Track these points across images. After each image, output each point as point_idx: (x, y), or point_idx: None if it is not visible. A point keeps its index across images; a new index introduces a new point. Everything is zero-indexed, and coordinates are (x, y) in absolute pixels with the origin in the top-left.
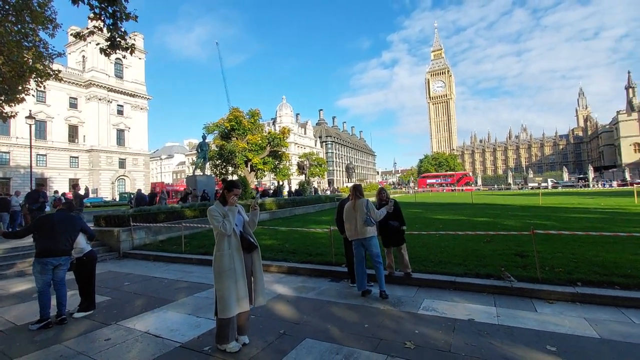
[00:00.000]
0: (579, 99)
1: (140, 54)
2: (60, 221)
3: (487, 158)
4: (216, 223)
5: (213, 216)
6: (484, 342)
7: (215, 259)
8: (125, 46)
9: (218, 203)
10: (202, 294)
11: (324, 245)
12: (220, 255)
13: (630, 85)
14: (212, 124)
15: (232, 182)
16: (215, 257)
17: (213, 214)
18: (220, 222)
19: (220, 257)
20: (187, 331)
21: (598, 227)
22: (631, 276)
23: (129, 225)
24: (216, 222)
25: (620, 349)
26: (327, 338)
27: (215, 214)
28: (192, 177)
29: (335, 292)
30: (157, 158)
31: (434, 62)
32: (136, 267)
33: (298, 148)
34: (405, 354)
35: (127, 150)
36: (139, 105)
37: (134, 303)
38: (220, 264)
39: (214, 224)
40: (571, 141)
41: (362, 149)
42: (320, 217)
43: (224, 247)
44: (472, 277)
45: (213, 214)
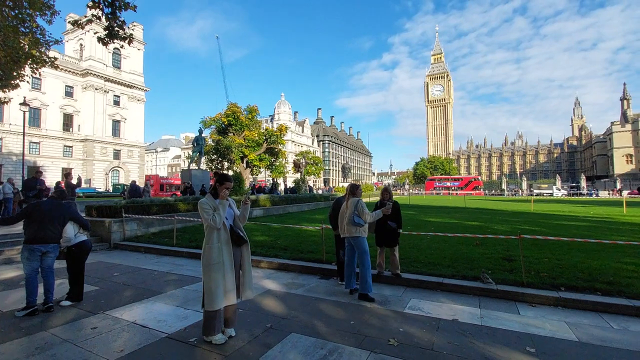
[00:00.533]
0: (575, 108)
1: (139, 45)
2: (49, 209)
3: (483, 163)
4: (206, 216)
5: (204, 209)
6: (466, 342)
7: (204, 252)
8: (124, 36)
9: (209, 196)
10: (192, 286)
11: (315, 243)
12: (210, 248)
13: (626, 97)
14: (210, 118)
15: (224, 175)
16: (205, 250)
17: (204, 207)
18: (210, 215)
19: (209, 249)
20: (174, 322)
21: (585, 235)
22: (613, 283)
23: (121, 216)
24: (206, 215)
25: (597, 353)
26: (312, 333)
27: (206, 206)
28: (187, 171)
29: (324, 289)
30: (153, 151)
31: (434, 65)
32: (126, 259)
33: (295, 146)
34: (389, 351)
35: (123, 142)
36: (136, 97)
37: (123, 293)
38: (209, 257)
39: (204, 217)
40: (565, 150)
41: (358, 150)
42: (313, 215)
43: (214, 240)
44: (459, 279)
45: (204, 207)
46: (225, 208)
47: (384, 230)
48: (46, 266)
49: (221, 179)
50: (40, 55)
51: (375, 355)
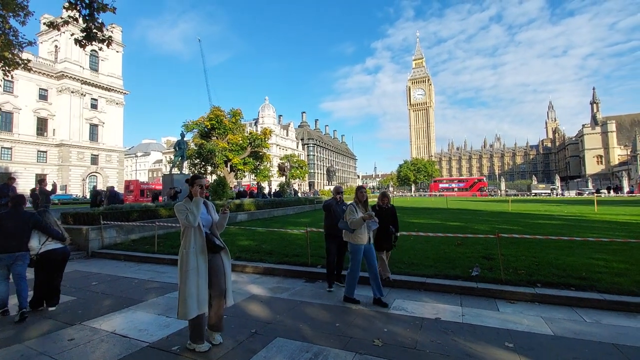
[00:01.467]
0: (549, 111)
1: (117, 47)
2: (8, 218)
3: (463, 165)
4: (181, 216)
5: (179, 210)
6: (448, 340)
7: (180, 257)
8: (102, 38)
9: (187, 199)
10: (174, 294)
11: (301, 246)
12: (187, 253)
13: (595, 101)
14: (192, 122)
15: (194, 175)
16: (182, 255)
17: (179, 208)
18: (184, 214)
19: (186, 255)
20: (156, 331)
21: (559, 233)
22: (585, 278)
23: (99, 223)
24: (181, 215)
25: (571, 345)
26: (298, 337)
27: (181, 208)
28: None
29: (309, 292)
30: (133, 155)
31: (415, 70)
32: (105, 267)
33: (279, 149)
34: (373, 351)
35: (100, 146)
36: (115, 100)
37: (101, 303)
38: (186, 262)
39: (180, 218)
40: (541, 151)
41: (343, 153)
42: (299, 219)
43: (190, 245)
44: (441, 279)
45: (179, 208)
46: (199, 206)
47: (386, 235)
48: (16, 273)
49: (191, 179)
50: (13, 57)
51: (360, 357)
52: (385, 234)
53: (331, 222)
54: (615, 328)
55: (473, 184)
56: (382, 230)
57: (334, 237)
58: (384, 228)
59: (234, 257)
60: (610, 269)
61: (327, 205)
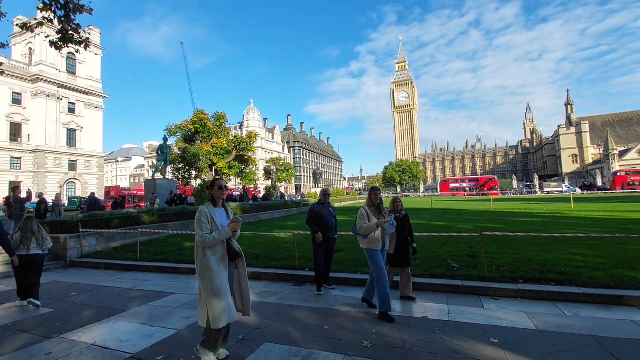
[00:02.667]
0: (526, 113)
1: (96, 50)
2: None
3: (447, 166)
4: (201, 232)
5: (201, 221)
6: (436, 338)
7: (201, 265)
8: (79, 40)
9: (209, 203)
10: (158, 302)
11: (288, 249)
12: (207, 260)
13: (569, 103)
14: (175, 125)
15: (213, 179)
16: (202, 263)
17: (201, 219)
18: (205, 232)
19: (207, 262)
20: (139, 341)
21: (539, 230)
22: (564, 273)
23: (78, 231)
24: (201, 232)
25: (552, 338)
26: (287, 341)
27: (204, 219)
28: (152, 181)
29: (297, 296)
30: (113, 160)
31: (399, 73)
32: (85, 277)
33: (265, 153)
34: (362, 353)
35: (79, 152)
36: (94, 104)
37: (81, 314)
38: (208, 269)
39: (197, 232)
40: (520, 152)
41: (329, 155)
42: (286, 222)
43: (210, 252)
44: (427, 278)
45: (201, 219)
46: (222, 217)
47: (403, 248)
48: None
49: (212, 183)
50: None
51: (349, 358)
52: (404, 248)
53: (322, 224)
54: (594, 320)
55: (485, 183)
56: (400, 243)
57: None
58: (402, 240)
59: None
60: (587, 264)
61: (312, 208)
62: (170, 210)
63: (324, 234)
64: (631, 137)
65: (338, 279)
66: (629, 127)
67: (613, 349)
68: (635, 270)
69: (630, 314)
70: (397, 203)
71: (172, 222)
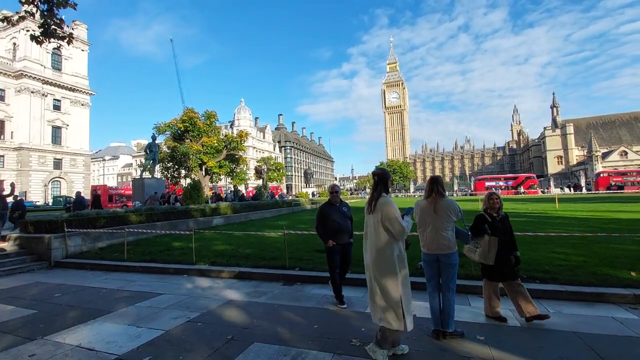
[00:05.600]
0: (514, 115)
1: (82, 46)
2: None
3: (436, 166)
4: (402, 223)
5: (396, 211)
6: (423, 336)
7: (398, 259)
8: (62, 35)
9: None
10: (145, 302)
11: (278, 249)
12: (403, 256)
13: (555, 105)
14: (164, 124)
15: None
16: (398, 258)
17: (396, 210)
18: (404, 222)
19: (402, 258)
20: (126, 342)
21: (524, 229)
22: (548, 271)
23: (62, 231)
24: (403, 223)
25: (536, 335)
26: (276, 341)
27: (398, 212)
28: (140, 180)
29: (287, 295)
30: (100, 159)
31: (390, 74)
32: (70, 277)
33: (256, 152)
34: (351, 351)
35: (64, 150)
36: (80, 101)
37: (66, 315)
38: (404, 265)
39: (397, 224)
40: (507, 153)
41: (320, 155)
42: (276, 221)
43: (398, 249)
44: (417, 277)
45: (396, 210)
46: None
47: (505, 258)
48: None
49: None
50: None
51: (338, 357)
52: (506, 256)
53: (330, 227)
54: (576, 317)
55: (523, 181)
56: (502, 251)
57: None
58: (504, 247)
59: (209, 262)
60: (570, 262)
61: (319, 210)
62: (159, 209)
63: (336, 238)
64: (613, 140)
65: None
66: (611, 129)
67: (594, 345)
68: (616, 268)
69: (611, 311)
70: (495, 199)
71: (161, 222)
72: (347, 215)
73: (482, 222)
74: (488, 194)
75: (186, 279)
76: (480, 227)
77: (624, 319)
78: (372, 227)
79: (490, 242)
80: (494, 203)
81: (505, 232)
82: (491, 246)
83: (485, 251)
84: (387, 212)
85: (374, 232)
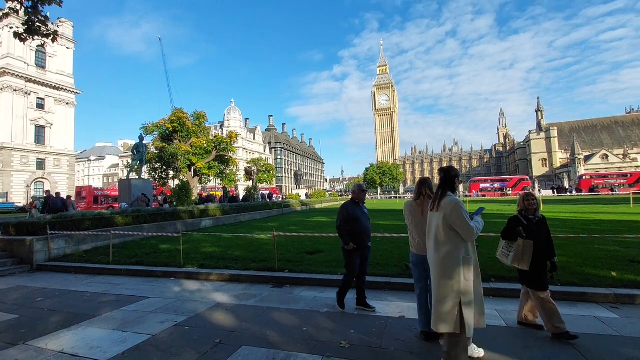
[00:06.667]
0: (500, 118)
1: (68, 43)
2: None
3: (425, 168)
4: (472, 223)
5: (465, 212)
6: (411, 337)
7: (464, 261)
8: (46, 33)
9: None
10: (131, 307)
11: (268, 251)
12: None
13: (540, 109)
14: (152, 124)
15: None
16: (465, 260)
17: (465, 210)
18: (473, 223)
19: (467, 260)
20: (110, 347)
21: None
22: None
23: (45, 233)
24: (471, 223)
25: (522, 334)
26: (265, 344)
27: (465, 211)
28: (126, 181)
29: (277, 298)
30: (85, 159)
31: (380, 76)
32: (52, 281)
33: (246, 153)
34: (340, 353)
35: (48, 150)
36: (65, 100)
37: (48, 320)
38: (468, 267)
39: (466, 224)
40: (494, 155)
41: (311, 157)
42: (266, 223)
43: (465, 249)
44: (405, 278)
45: (465, 210)
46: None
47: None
48: None
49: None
50: None
51: (327, 359)
52: (541, 263)
53: (357, 229)
54: None
55: (516, 183)
56: (538, 256)
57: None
58: (541, 252)
59: (198, 265)
60: None
61: (344, 209)
62: (146, 211)
63: (361, 242)
64: (595, 143)
65: (317, 280)
66: (593, 133)
67: (577, 343)
68: (598, 268)
69: (593, 310)
70: (531, 201)
71: (148, 224)
72: (368, 217)
73: (516, 225)
74: (524, 194)
75: (174, 282)
76: (513, 230)
77: (605, 318)
78: (435, 227)
79: (524, 246)
80: (530, 204)
81: (541, 235)
82: (525, 250)
83: (520, 255)
84: (452, 211)
85: (437, 232)
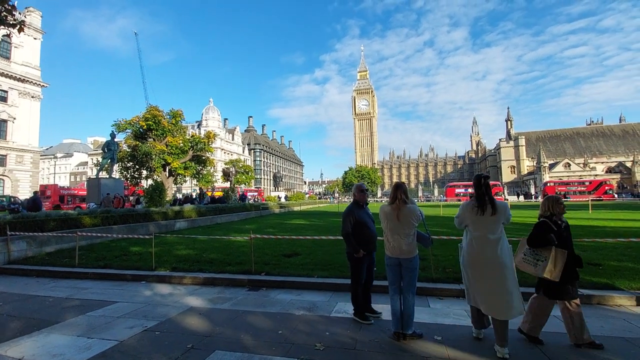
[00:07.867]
0: (473, 126)
1: (35, 34)
2: None
3: (403, 172)
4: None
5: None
6: (385, 338)
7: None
8: (13, 22)
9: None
10: (97, 312)
11: (244, 253)
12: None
13: (509, 119)
14: (125, 121)
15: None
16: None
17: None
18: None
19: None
20: (74, 355)
21: None
22: None
23: (5, 234)
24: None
25: (490, 334)
26: (238, 348)
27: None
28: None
29: (252, 301)
30: (51, 156)
31: (360, 81)
32: (12, 285)
33: (224, 154)
34: (315, 355)
35: (10, 145)
36: (30, 93)
37: (7, 326)
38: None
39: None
40: (467, 162)
41: (290, 159)
42: (243, 225)
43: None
44: (380, 280)
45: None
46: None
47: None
48: None
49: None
50: None
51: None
52: (571, 271)
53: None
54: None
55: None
56: (568, 265)
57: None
58: (570, 259)
59: (170, 268)
60: None
61: (349, 213)
62: (116, 212)
63: (369, 247)
64: (559, 152)
65: (294, 282)
66: (557, 143)
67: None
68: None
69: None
70: (563, 205)
71: (118, 225)
72: (373, 220)
73: (548, 231)
74: (554, 197)
75: (144, 285)
76: (545, 236)
77: None
78: (494, 227)
79: (557, 255)
80: (562, 210)
81: (568, 240)
82: (558, 260)
83: (552, 266)
84: (508, 210)
85: (498, 231)
